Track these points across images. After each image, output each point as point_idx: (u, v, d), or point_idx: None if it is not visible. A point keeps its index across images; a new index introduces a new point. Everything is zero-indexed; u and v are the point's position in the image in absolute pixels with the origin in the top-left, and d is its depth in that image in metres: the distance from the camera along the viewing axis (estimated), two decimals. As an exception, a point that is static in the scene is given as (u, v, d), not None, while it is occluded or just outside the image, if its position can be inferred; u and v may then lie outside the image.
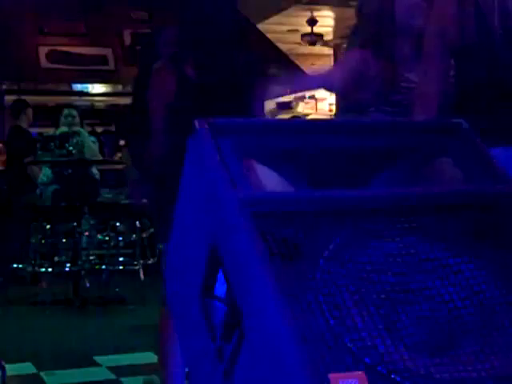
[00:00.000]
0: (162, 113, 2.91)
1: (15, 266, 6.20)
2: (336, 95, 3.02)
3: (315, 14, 9.54)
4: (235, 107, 2.86)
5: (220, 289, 1.44)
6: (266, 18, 9.08)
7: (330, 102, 9.99)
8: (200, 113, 2.78)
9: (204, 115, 2.70)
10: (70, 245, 6.14)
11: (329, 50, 10.76)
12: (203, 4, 2.97)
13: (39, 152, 6.60)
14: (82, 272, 5.96)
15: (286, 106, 10.89)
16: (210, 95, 2.88)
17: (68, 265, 6.08)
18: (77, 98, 9.04)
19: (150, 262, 6.23)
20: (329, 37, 10.33)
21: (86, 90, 9.17)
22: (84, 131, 6.89)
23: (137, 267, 6.21)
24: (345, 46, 3.27)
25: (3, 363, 3.37)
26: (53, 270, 6.15)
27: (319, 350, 1.22)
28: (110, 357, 4.12)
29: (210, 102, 2.86)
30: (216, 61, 2.94)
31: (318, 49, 10.40)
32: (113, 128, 9.18)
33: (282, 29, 9.82)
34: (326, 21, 9.80)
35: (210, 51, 2.93)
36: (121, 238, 6.43)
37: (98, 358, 4.09)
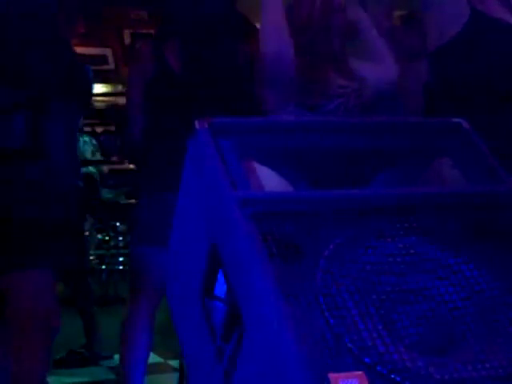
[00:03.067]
0: (139, 93, 2.74)
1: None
2: None
3: (315, 13, 9.53)
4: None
5: (220, 289, 1.44)
6: (266, 17, 9.07)
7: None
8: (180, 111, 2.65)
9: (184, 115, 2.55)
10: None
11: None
12: None
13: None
14: (82, 272, 5.96)
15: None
16: (193, 98, 2.64)
17: (68, 265, 6.07)
18: (77, 97, 9.02)
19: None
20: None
21: (86, 90, 9.15)
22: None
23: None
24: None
25: (3, 363, 3.37)
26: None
27: (319, 349, 1.22)
28: (110, 357, 4.12)
29: (190, 105, 2.62)
30: (208, 54, 2.69)
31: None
32: (113, 128, 9.17)
33: (282, 29, 9.81)
34: (326, 21, 9.79)
35: (200, 39, 2.67)
36: (121, 238, 6.43)
37: (98, 358, 4.10)
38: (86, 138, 7.10)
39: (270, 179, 1.53)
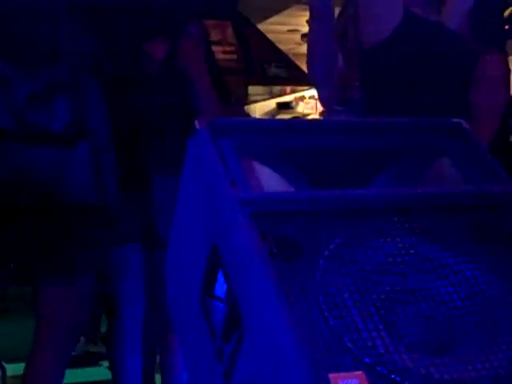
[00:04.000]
0: None
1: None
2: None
3: (315, 14, 9.52)
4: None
5: (220, 289, 1.44)
6: (266, 18, 9.07)
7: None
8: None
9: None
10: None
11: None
12: None
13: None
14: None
15: (286, 106, 10.87)
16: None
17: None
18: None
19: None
20: (329, 37, 10.30)
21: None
22: None
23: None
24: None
25: (3, 363, 3.37)
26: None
27: (319, 349, 1.22)
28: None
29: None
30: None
31: (318, 49, 10.36)
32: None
33: (282, 29, 9.81)
34: (326, 21, 9.78)
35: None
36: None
37: (98, 358, 4.09)
38: None
39: (270, 179, 1.53)
